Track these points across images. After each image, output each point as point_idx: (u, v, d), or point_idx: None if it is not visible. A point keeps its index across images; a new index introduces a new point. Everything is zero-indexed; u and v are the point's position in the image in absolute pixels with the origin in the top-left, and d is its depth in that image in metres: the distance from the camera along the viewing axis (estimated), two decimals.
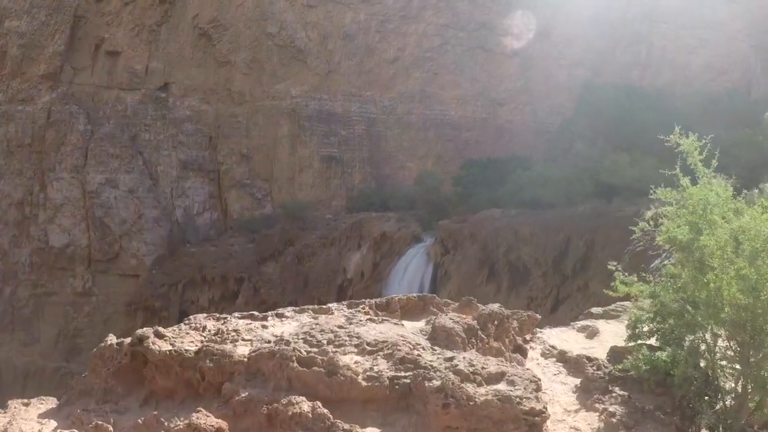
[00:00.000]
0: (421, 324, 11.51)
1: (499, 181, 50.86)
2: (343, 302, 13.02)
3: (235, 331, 10.88)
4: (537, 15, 63.17)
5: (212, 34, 59.97)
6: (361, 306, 12.24)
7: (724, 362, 10.40)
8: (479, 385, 9.35)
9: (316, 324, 10.85)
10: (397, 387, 9.35)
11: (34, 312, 56.28)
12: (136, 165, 56.81)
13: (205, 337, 10.90)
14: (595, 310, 16.45)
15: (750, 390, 10.04)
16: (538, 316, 13.65)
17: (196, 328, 11.17)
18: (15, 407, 10.61)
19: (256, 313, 12.56)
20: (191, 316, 12.09)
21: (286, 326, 11.21)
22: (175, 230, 58.23)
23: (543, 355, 12.80)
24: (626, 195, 39.72)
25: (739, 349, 10.12)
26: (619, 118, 53.04)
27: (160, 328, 11.07)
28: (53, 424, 10.18)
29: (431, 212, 54.27)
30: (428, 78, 63.48)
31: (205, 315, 12.19)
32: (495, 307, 12.17)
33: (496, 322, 11.74)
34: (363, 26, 62.65)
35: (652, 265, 27.40)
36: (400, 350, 9.91)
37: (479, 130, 63.41)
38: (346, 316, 11.56)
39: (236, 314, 12.32)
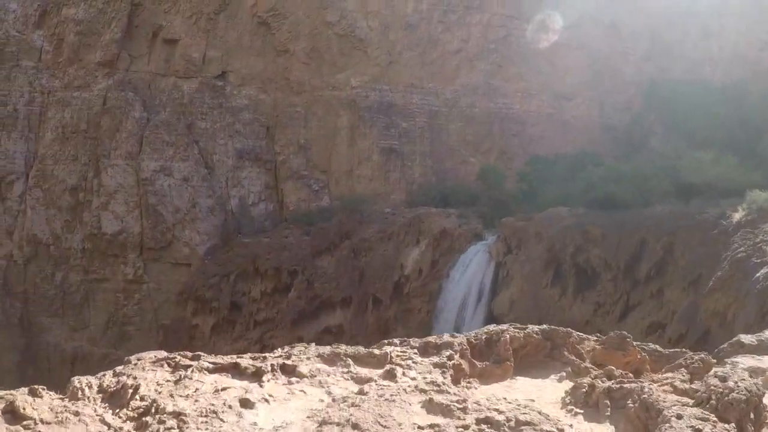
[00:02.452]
0: (557, 389, 7.56)
1: (567, 178, 48.76)
2: (409, 340, 9.53)
3: (177, 418, 6.49)
4: (603, 8, 61.20)
5: (271, 23, 58.70)
6: (445, 349, 8.56)
7: None
8: None
9: (359, 409, 6.47)
10: None
11: (84, 298, 55.76)
12: (192, 153, 55.75)
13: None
14: (746, 338, 11.92)
15: None
16: None
17: (106, 393, 7.28)
18: None
19: (241, 361, 8.13)
20: (126, 361, 8.93)
21: (294, 405, 6.96)
22: (229, 220, 57.13)
23: None
24: (706, 195, 37.31)
25: None
26: (693, 114, 50.77)
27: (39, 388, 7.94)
28: None
29: (494, 209, 52.53)
30: (492, 70, 61.61)
31: (152, 357, 8.57)
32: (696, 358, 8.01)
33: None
34: (425, 16, 60.90)
35: (759, 274, 25.35)
36: None
37: (544, 124, 61.44)
38: (420, 383, 7.11)
39: (205, 361, 8.12)
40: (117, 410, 6.68)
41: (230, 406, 6.51)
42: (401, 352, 7.32)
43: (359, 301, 52.49)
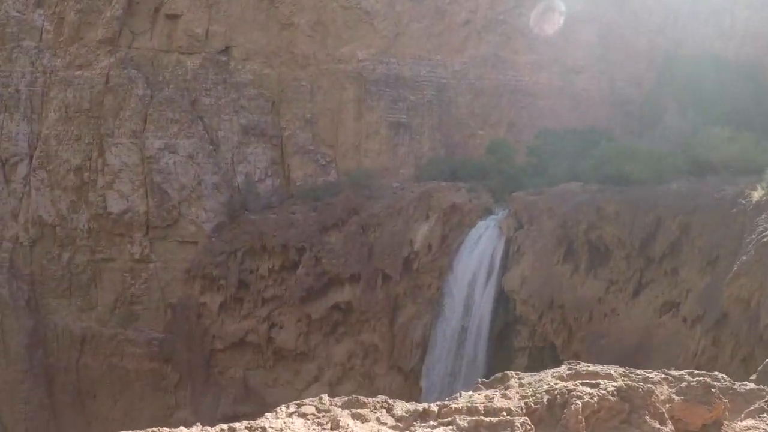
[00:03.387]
0: None
1: (578, 153, 47.95)
2: (456, 419, 8.00)
3: None
4: None
5: None
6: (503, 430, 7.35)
7: None
8: None
9: None
10: None
11: (91, 278, 55.48)
12: (196, 130, 55.00)
13: None
14: None
15: None
16: None
17: None
18: None
19: None
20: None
21: None
22: (235, 197, 56.55)
23: None
24: (723, 173, 36.59)
25: None
26: (708, 90, 49.84)
27: None
28: None
29: (504, 183, 51.80)
30: (501, 42, 60.50)
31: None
32: None
33: None
34: None
35: None
36: None
37: (555, 98, 60.44)
38: None
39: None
40: None
41: None
42: None
43: (368, 277, 52.08)
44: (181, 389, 55.95)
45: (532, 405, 7.46)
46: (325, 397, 9.01)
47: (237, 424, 8.06)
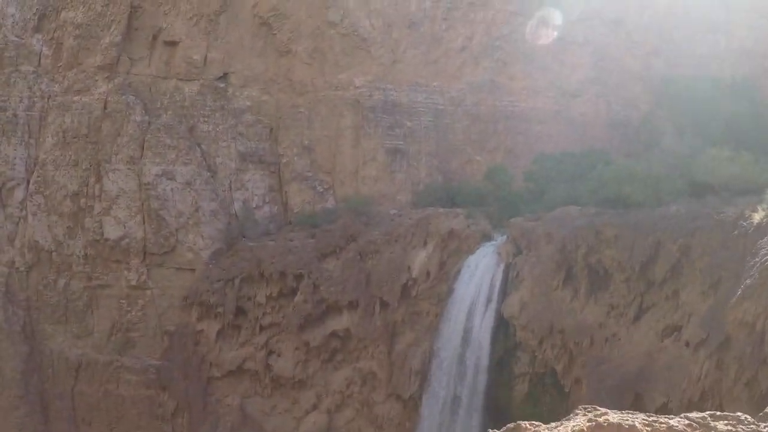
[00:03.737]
0: None
1: (576, 177, 47.96)
2: None
3: None
4: (608, 3, 60.49)
5: (272, 23, 57.71)
6: None
7: None
8: None
9: None
10: None
11: (87, 304, 55.09)
12: (194, 157, 54.92)
13: None
14: None
15: None
16: None
17: None
18: None
19: None
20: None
21: None
22: (233, 224, 56.41)
23: None
24: (722, 194, 36.50)
25: None
26: (705, 111, 49.81)
27: None
28: None
29: (502, 209, 51.74)
30: (497, 68, 60.62)
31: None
32: None
33: None
34: (429, 14, 59.79)
35: None
36: None
37: (551, 122, 60.48)
38: None
39: None
40: None
41: None
42: None
43: (366, 304, 51.81)
44: (178, 417, 55.38)
45: None
46: None
47: None
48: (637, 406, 35.32)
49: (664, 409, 33.52)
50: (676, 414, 31.38)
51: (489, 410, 46.78)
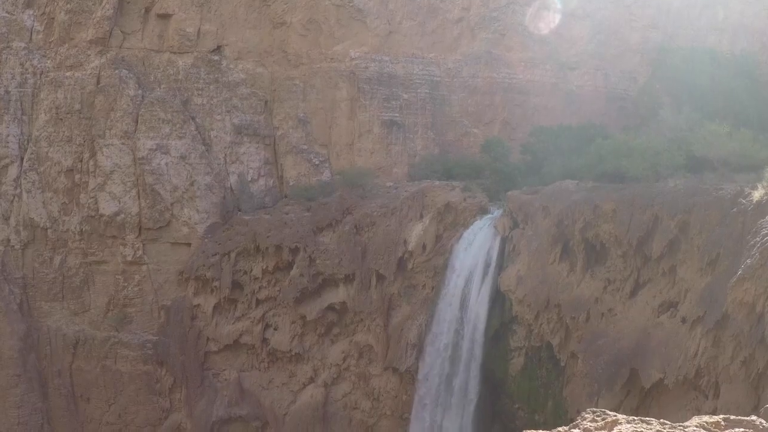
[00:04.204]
0: None
1: (573, 150, 47.52)
2: None
3: None
4: None
5: None
6: None
7: None
8: None
9: None
10: None
11: (84, 281, 55.06)
12: (188, 130, 54.50)
13: None
14: None
15: None
16: None
17: None
18: None
19: None
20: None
21: None
22: (228, 197, 56.15)
23: None
24: (721, 170, 36.15)
25: None
26: (703, 85, 49.25)
27: None
28: None
29: (499, 182, 51.56)
30: (495, 39, 60.20)
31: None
32: None
33: None
34: None
35: None
36: None
37: (548, 95, 60.24)
38: None
39: None
40: None
41: None
42: None
43: (362, 277, 51.80)
44: (176, 392, 55.57)
45: None
46: None
47: None
48: (633, 381, 35.40)
49: (659, 385, 33.55)
50: (672, 390, 31.43)
51: (485, 383, 46.90)
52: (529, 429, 43.33)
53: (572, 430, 9.13)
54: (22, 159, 54.09)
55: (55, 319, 55.14)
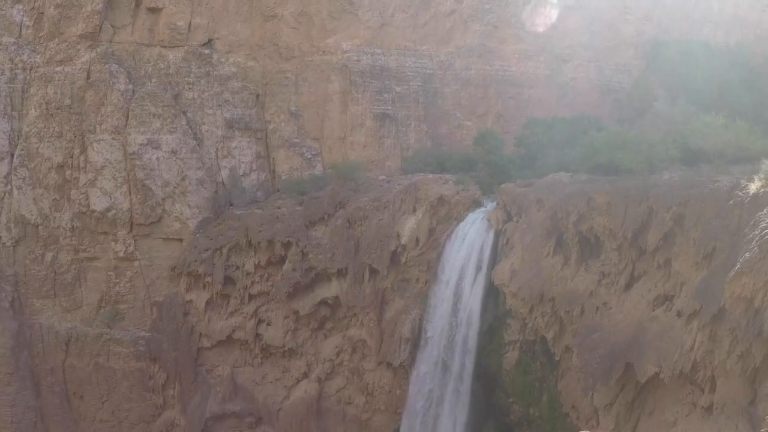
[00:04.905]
0: None
1: (567, 143, 47.30)
2: None
3: None
4: None
5: None
6: None
7: None
8: None
9: None
10: None
11: (75, 277, 54.63)
12: (179, 125, 54.01)
13: None
14: None
15: None
16: None
17: None
18: None
19: None
20: None
21: None
22: (220, 192, 55.75)
23: None
24: (716, 162, 35.88)
25: None
26: (698, 77, 49.09)
27: None
28: None
29: (492, 175, 51.29)
30: (488, 32, 60.00)
31: None
32: None
33: None
34: None
35: None
36: None
37: (542, 87, 60.06)
38: None
39: None
40: None
41: None
42: None
43: (355, 271, 51.57)
44: (169, 388, 55.29)
45: None
46: None
47: None
48: (628, 375, 35.16)
49: (655, 379, 33.32)
50: (668, 384, 31.19)
51: (479, 377, 46.75)
52: (524, 423, 43.14)
53: None
54: (12, 155, 53.46)
55: (47, 317, 54.75)
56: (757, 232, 25.29)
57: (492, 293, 45.97)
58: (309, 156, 57.60)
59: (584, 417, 38.79)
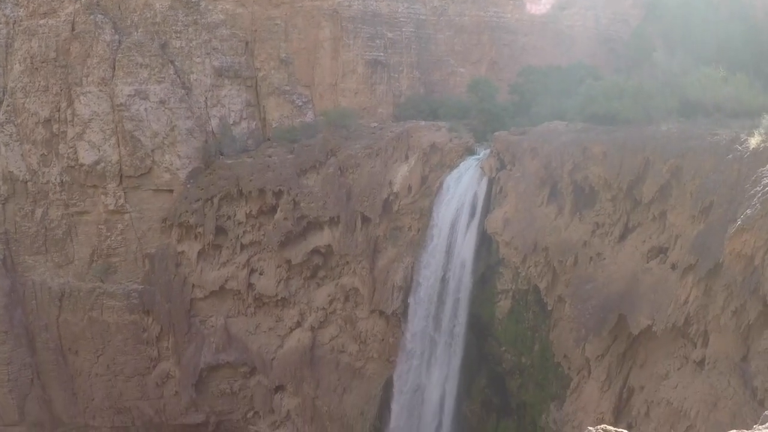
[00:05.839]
0: None
1: (562, 91, 46.50)
2: None
3: None
4: None
5: None
6: None
7: None
8: None
9: None
10: None
11: (66, 233, 54.53)
12: (167, 74, 53.10)
13: None
14: None
15: None
16: None
17: None
18: None
19: None
20: None
21: None
22: (210, 142, 55.12)
23: None
24: (715, 115, 35.27)
25: None
26: (697, 28, 48.04)
27: None
28: None
29: (486, 122, 50.66)
30: None
31: None
32: None
33: None
34: None
35: None
36: None
37: (537, 35, 58.94)
38: None
39: None
40: None
41: None
42: None
43: (347, 220, 51.29)
44: (163, 340, 55.44)
45: None
46: None
47: None
48: (621, 327, 35.17)
49: (647, 332, 33.31)
50: (660, 337, 31.13)
51: (471, 326, 46.79)
52: (516, 372, 43.07)
53: None
54: None
55: (40, 273, 54.71)
56: (759, 188, 24.92)
57: (485, 242, 45.72)
58: (300, 103, 56.82)
59: (576, 367, 38.92)
